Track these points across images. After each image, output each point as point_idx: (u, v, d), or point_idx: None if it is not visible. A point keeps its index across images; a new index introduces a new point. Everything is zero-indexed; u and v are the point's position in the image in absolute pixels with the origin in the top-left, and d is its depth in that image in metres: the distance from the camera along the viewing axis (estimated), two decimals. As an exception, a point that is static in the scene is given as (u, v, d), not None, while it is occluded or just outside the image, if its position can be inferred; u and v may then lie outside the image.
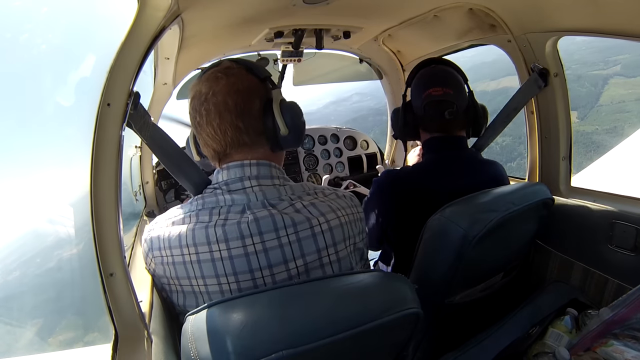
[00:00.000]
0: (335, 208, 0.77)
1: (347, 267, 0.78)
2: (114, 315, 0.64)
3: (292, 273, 0.72)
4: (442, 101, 1.14)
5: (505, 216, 0.95)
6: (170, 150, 0.83)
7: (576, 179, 1.32)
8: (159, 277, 0.77)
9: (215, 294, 0.71)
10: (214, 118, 0.73)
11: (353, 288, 0.66)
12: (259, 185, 0.75)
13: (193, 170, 0.83)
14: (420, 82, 1.19)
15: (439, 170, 1.15)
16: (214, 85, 0.74)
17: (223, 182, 0.77)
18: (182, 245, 0.71)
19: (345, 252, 0.77)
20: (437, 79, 1.17)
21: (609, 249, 1.11)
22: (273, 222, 0.71)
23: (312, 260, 0.73)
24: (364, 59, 2.01)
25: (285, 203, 0.75)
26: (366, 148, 2.35)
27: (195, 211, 0.74)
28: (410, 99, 1.23)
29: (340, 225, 0.76)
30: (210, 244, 0.69)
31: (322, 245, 0.73)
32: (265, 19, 1.31)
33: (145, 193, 1.69)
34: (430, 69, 1.21)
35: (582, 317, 0.93)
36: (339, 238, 0.76)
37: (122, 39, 0.67)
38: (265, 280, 0.71)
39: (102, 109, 0.64)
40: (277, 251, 0.71)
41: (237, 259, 0.70)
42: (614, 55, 47.24)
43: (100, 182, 0.63)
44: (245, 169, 0.76)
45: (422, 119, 1.20)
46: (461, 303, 1.08)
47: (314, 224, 0.73)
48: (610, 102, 41.17)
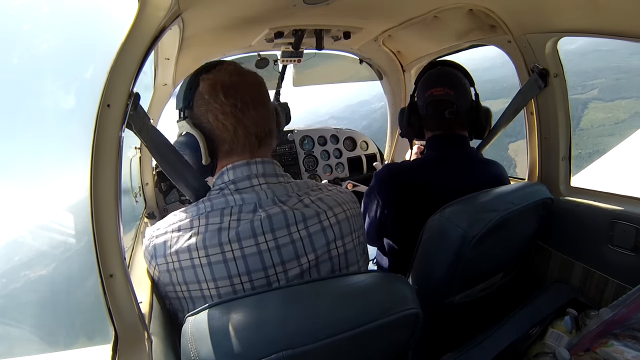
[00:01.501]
0: (340, 202, 0.79)
1: (353, 260, 0.79)
2: (114, 316, 0.64)
3: (304, 268, 0.73)
4: (442, 100, 1.17)
5: (504, 216, 0.95)
6: (169, 153, 0.81)
7: (576, 179, 1.32)
8: (164, 285, 0.75)
9: (227, 295, 0.70)
10: (240, 111, 0.76)
11: (353, 288, 0.66)
12: (267, 183, 0.76)
13: (191, 174, 0.81)
14: (425, 83, 1.24)
15: (439, 167, 1.16)
16: (241, 79, 0.77)
17: (230, 181, 0.76)
18: (191, 249, 0.69)
19: (351, 245, 0.79)
20: (440, 79, 1.20)
21: (609, 249, 1.11)
22: (285, 218, 0.72)
23: (322, 253, 0.74)
24: (364, 59, 2.01)
25: (294, 199, 0.76)
26: (366, 149, 2.35)
27: (205, 213, 0.73)
28: (417, 98, 1.27)
29: (347, 219, 0.78)
30: (222, 244, 0.69)
31: (331, 238, 0.75)
32: (265, 19, 1.31)
33: (145, 194, 1.69)
34: (436, 70, 1.24)
35: (582, 317, 0.93)
36: (346, 231, 0.77)
37: (122, 39, 0.67)
38: (279, 276, 0.71)
39: (102, 110, 0.64)
40: (290, 247, 0.72)
41: (250, 257, 0.70)
42: (590, 80, 48.12)
43: (100, 183, 0.63)
44: (252, 167, 0.77)
45: (424, 118, 1.24)
46: (461, 303, 1.09)
47: (322, 218, 0.75)
48: (591, 125, 41.94)
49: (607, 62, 53.55)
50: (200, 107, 0.78)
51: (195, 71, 0.81)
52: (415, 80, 1.30)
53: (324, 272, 0.75)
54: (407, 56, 1.93)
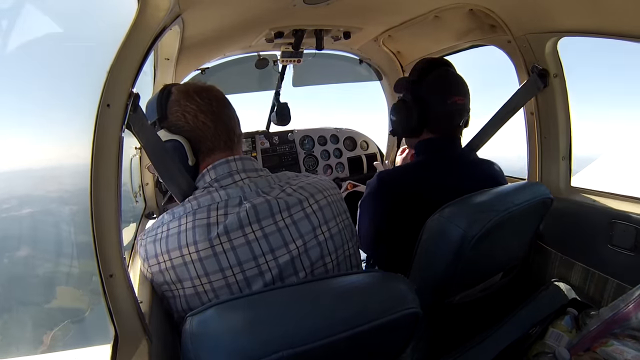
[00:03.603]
0: (321, 189, 0.83)
1: (340, 243, 0.81)
2: (114, 316, 0.64)
3: (293, 254, 0.74)
4: (462, 110, 1.16)
5: (504, 216, 0.95)
6: (163, 155, 0.82)
7: (576, 178, 1.32)
8: (159, 285, 0.76)
9: (221, 289, 0.71)
10: (217, 109, 0.83)
11: (352, 288, 0.66)
12: (249, 178, 0.81)
13: (182, 178, 0.83)
14: (443, 86, 1.15)
15: (435, 170, 1.15)
16: (208, 86, 0.86)
17: (212, 180, 0.80)
18: (181, 246, 0.71)
19: (336, 229, 0.81)
20: (459, 86, 1.16)
21: (609, 249, 1.11)
22: (269, 207, 0.74)
23: (309, 239, 0.76)
24: (364, 59, 2.01)
25: (277, 190, 0.79)
26: (366, 148, 2.35)
27: (192, 211, 0.74)
28: (425, 98, 1.16)
29: (329, 204, 0.82)
30: (211, 239, 0.70)
31: (316, 224, 0.78)
32: (265, 20, 1.31)
33: (145, 194, 1.69)
34: (446, 71, 1.18)
35: (582, 317, 0.93)
36: (329, 216, 0.80)
37: (122, 39, 0.67)
38: (270, 264, 0.72)
39: (102, 110, 0.64)
40: (277, 235, 0.73)
41: (239, 248, 0.71)
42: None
43: (100, 183, 0.63)
44: (232, 164, 0.81)
45: (437, 122, 1.17)
46: (461, 303, 1.09)
47: (305, 205, 0.78)
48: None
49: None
50: (176, 113, 0.83)
51: (161, 89, 0.88)
52: (416, 76, 1.19)
53: (314, 256, 0.76)
54: (407, 56, 1.93)
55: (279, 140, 2.19)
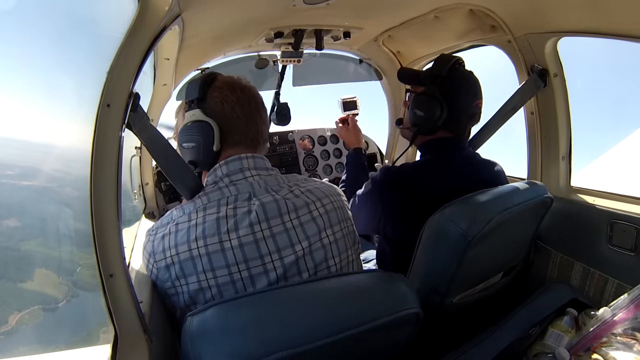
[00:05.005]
0: (328, 194, 0.85)
1: (344, 248, 0.83)
2: (114, 315, 0.64)
3: (298, 255, 0.75)
4: (480, 113, 1.18)
5: (504, 216, 0.95)
6: (168, 153, 0.83)
7: (576, 178, 1.32)
8: (163, 282, 0.76)
9: (225, 285, 0.72)
10: (254, 110, 0.86)
11: (353, 288, 0.66)
12: (259, 175, 0.82)
13: (189, 174, 0.84)
14: (472, 88, 1.15)
15: (439, 169, 1.15)
16: (253, 87, 0.88)
17: (224, 175, 0.82)
18: (190, 240, 0.72)
19: (340, 234, 0.83)
20: (479, 90, 1.16)
21: (609, 249, 1.11)
22: (278, 207, 0.76)
23: (314, 241, 0.78)
24: (364, 59, 2.01)
25: (285, 190, 0.80)
26: (366, 148, 2.35)
27: (202, 206, 0.76)
28: (455, 97, 1.12)
29: (334, 210, 0.84)
30: (220, 234, 0.71)
31: (321, 227, 0.79)
32: (265, 19, 1.31)
33: (145, 194, 1.69)
34: (470, 72, 1.16)
35: (582, 317, 0.93)
36: (334, 220, 0.82)
37: (122, 39, 0.67)
38: (275, 264, 0.73)
39: (102, 110, 0.64)
40: (284, 235, 0.75)
41: (247, 246, 0.72)
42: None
43: (100, 183, 0.63)
44: (244, 161, 0.83)
45: (458, 122, 1.15)
46: (461, 303, 1.08)
47: (312, 208, 0.79)
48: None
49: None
50: (215, 99, 0.84)
51: (206, 72, 0.90)
52: (448, 71, 1.10)
53: (318, 258, 0.78)
54: (407, 56, 1.93)
55: (278, 140, 2.19)
